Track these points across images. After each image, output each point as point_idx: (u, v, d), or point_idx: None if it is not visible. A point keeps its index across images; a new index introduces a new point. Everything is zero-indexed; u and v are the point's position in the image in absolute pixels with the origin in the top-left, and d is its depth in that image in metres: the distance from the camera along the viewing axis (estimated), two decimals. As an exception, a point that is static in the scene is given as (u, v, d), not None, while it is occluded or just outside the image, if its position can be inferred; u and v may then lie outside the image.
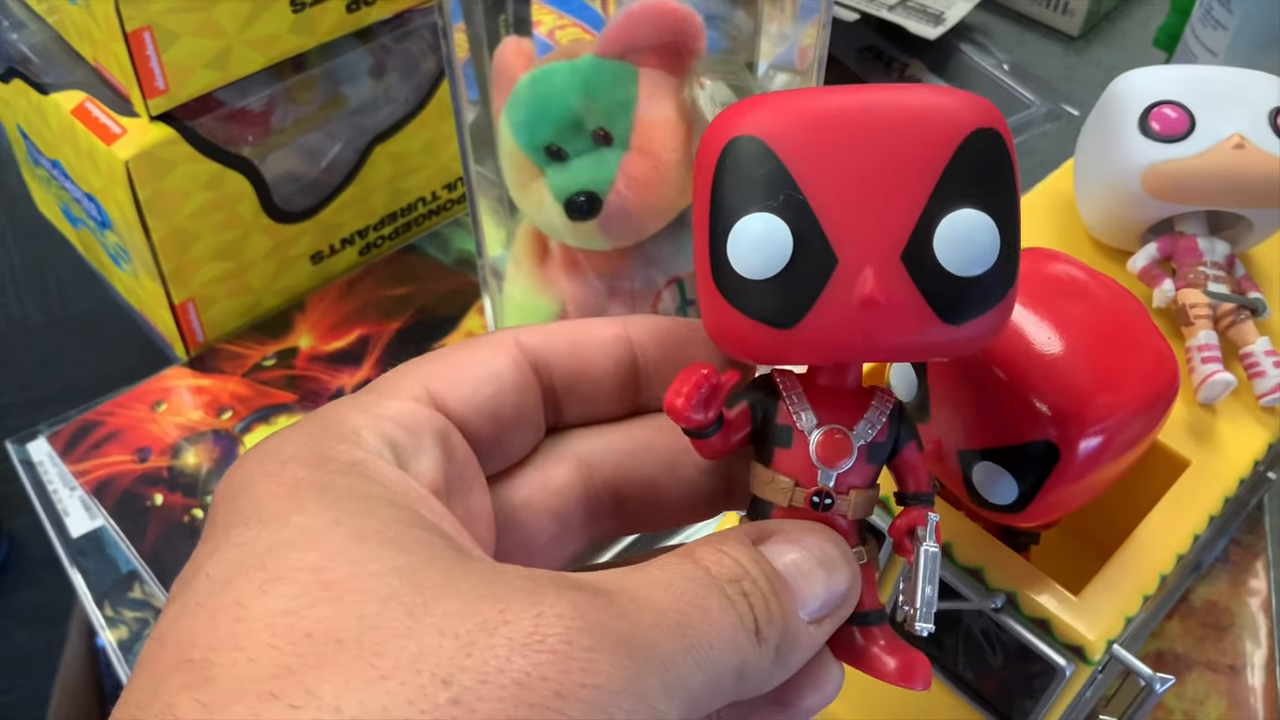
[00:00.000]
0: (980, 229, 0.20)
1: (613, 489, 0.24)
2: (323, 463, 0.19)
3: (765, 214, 0.20)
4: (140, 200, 0.45)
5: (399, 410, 0.21)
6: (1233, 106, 0.35)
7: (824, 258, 0.20)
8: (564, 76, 0.38)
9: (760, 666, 0.19)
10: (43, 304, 0.55)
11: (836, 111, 0.20)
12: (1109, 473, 0.28)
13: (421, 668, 0.16)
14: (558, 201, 0.39)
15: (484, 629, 0.16)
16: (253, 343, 0.52)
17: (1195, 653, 0.43)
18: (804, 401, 0.22)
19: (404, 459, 0.20)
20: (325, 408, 0.21)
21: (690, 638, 0.18)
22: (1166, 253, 0.37)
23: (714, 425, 0.22)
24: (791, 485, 0.22)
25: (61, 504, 0.46)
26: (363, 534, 0.18)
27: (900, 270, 0.20)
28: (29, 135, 0.52)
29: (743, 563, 0.20)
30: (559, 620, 0.16)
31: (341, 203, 0.53)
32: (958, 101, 0.20)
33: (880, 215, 0.20)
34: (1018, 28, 0.73)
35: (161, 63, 0.43)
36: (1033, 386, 0.26)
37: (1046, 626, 0.29)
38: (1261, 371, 0.34)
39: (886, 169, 0.20)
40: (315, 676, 0.16)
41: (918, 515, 0.23)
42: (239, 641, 0.16)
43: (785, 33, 0.46)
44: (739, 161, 0.20)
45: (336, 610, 0.16)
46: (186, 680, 0.16)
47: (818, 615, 0.20)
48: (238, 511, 0.18)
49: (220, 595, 0.17)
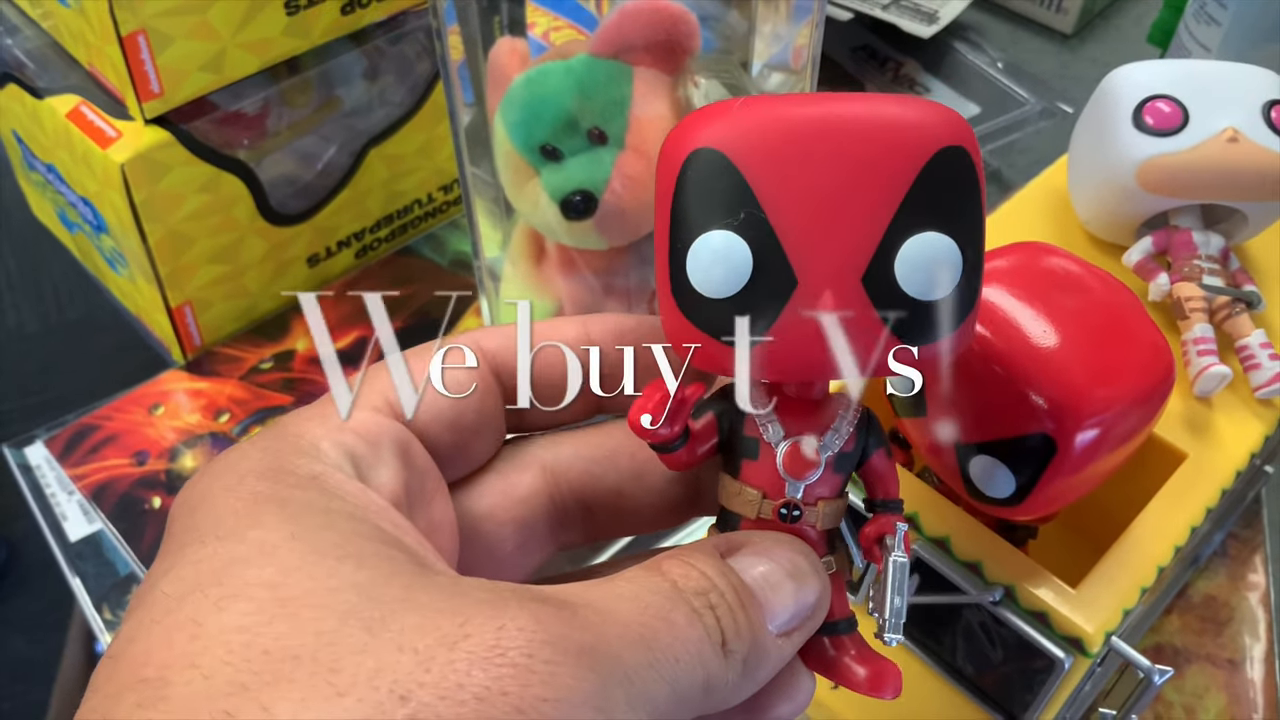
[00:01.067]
0: (943, 253, 0.19)
1: (578, 497, 0.24)
2: (281, 476, 0.19)
3: (725, 232, 0.19)
4: (136, 203, 0.45)
5: (358, 421, 0.21)
6: (1226, 100, 0.35)
7: (783, 278, 0.19)
8: (559, 76, 0.38)
9: (727, 680, 0.19)
10: (38, 311, 0.55)
11: (800, 124, 0.20)
12: (1106, 465, 0.28)
13: (379, 684, 0.15)
14: (553, 201, 0.39)
15: (444, 643, 0.16)
16: (250, 345, 0.52)
17: (1194, 647, 0.43)
18: (770, 412, 0.22)
19: (364, 471, 0.20)
20: (283, 419, 0.21)
21: (655, 651, 0.18)
22: (1161, 246, 0.37)
23: (680, 439, 0.21)
24: (759, 497, 0.21)
25: (59, 508, 0.46)
26: (321, 549, 0.17)
27: (860, 293, 0.19)
28: (24, 140, 0.52)
29: (710, 576, 0.19)
30: (520, 633, 0.16)
31: (337, 205, 0.53)
32: (925, 116, 0.20)
33: (842, 236, 0.19)
34: (1011, 26, 0.73)
35: (156, 66, 0.43)
36: (1029, 380, 0.26)
37: (1045, 619, 0.29)
38: (1257, 364, 0.34)
39: (850, 186, 0.19)
40: (271, 694, 0.15)
41: (887, 524, 0.22)
42: (194, 659, 0.16)
43: (779, 33, 0.46)
44: (700, 176, 0.20)
45: (293, 627, 0.16)
46: (139, 699, 0.16)
47: (787, 628, 0.20)
48: (194, 527, 0.18)
49: (176, 612, 0.17)
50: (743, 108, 0.20)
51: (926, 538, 0.31)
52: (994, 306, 0.27)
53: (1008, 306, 0.27)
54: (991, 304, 0.27)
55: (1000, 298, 0.28)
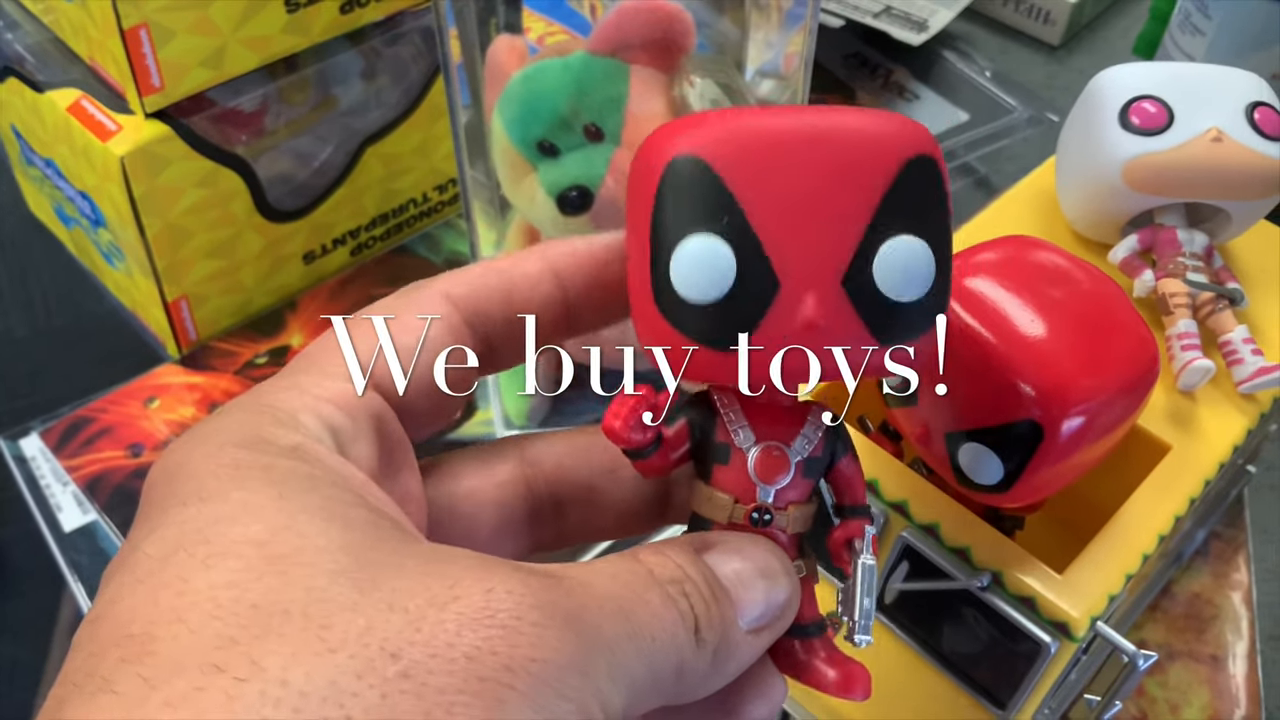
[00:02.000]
0: (918, 255, 0.20)
1: (553, 490, 0.24)
2: (262, 445, 0.19)
3: (710, 236, 0.20)
4: (135, 197, 0.45)
5: (336, 393, 0.20)
6: (1211, 101, 0.36)
7: (767, 281, 0.20)
8: (556, 73, 0.39)
9: (698, 668, 0.19)
10: (29, 314, 0.55)
11: (776, 133, 0.20)
12: (1092, 453, 0.28)
13: (370, 641, 0.15)
14: (550, 197, 0.39)
15: (434, 604, 0.16)
16: (245, 341, 0.53)
17: (1178, 644, 0.44)
18: (741, 419, 0.22)
19: (343, 444, 0.20)
20: (258, 390, 0.20)
21: (634, 624, 0.18)
22: (1147, 244, 0.37)
23: (652, 445, 0.22)
24: (731, 502, 0.22)
25: (54, 499, 0.46)
26: (308, 509, 0.17)
27: (841, 295, 0.20)
28: (23, 135, 0.52)
29: (684, 567, 0.20)
30: (509, 596, 0.16)
31: (333, 203, 0.53)
32: (895, 127, 0.21)
33: (821, 240, 0.20)
34: (1000, 37, 0.74)
35: (157, 60, 0.43)
36: (1018, 368, 0.27)
37: (1032, 604, 0.30)
38: (1240, 359, 0.35)
39: (827, 193, 0.20)
40: (261, 648, 0.15)
41: (855, 527, 0.23)
42: (181, 614, 0.16)
43: (771, 40, 0.46)
44: (682, 182, 0.20)
45: (284, 582, 0.16)
46: (124, 655, 0.15)
47: (757, 625, 0.21)
48: (174, 493, 0.18)
49: (160, 572, 0.16)
50: (719, 118, 0.21)
51: (916, 524, 0.31)
52: (983, 297, 0.28)
53: (997, 297, 0.28)
54: (981, 295, 0.28)
55: (989, 288, 0.28)
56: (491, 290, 0.23)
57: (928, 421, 0.29)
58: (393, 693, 0.15)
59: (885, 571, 0.32)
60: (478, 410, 0.49)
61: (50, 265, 0.57)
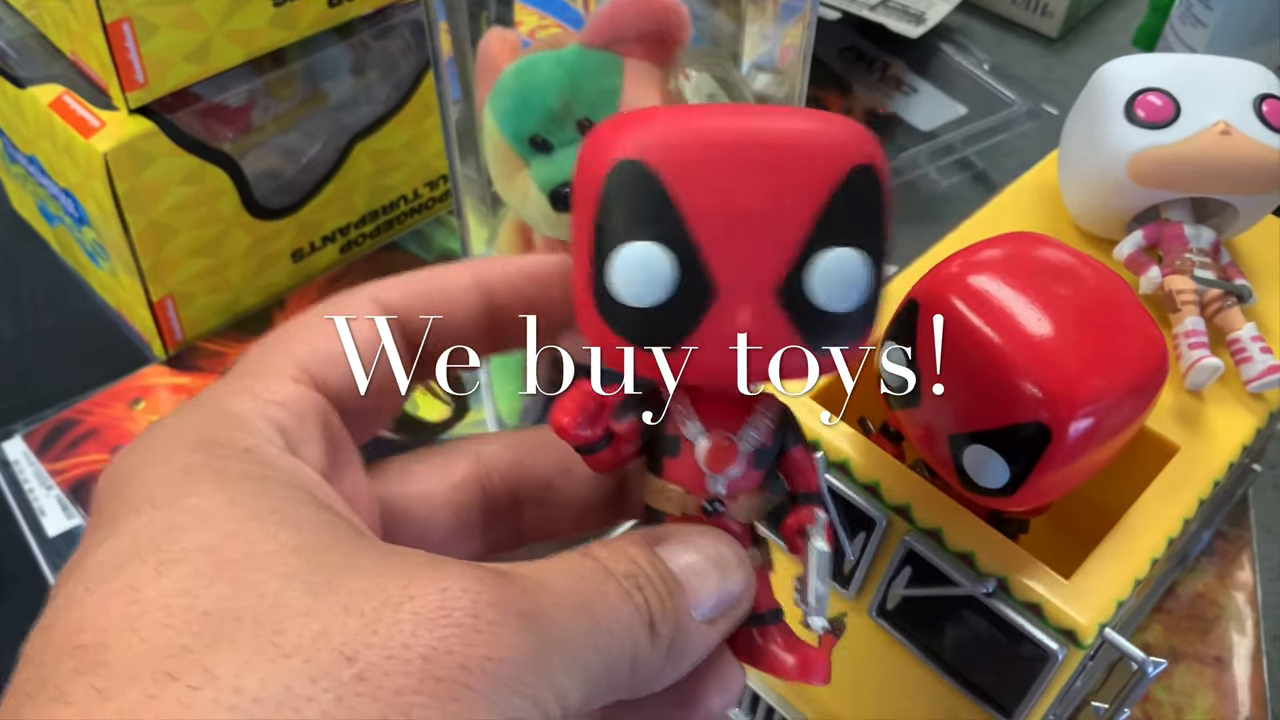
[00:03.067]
0: (855, 267, 0.20)
1: (509, 487, 0.24)
2: (214, 449, 0.19)
3: (649, 243, 0.20)
4: (119, 194, 0.44)
5: (284, 395, 0.20)
6: (1218, 94, 0.35)
7: (704, 289, 0.20)
8: (549, 66, 0.38)
9: (652, 662, 0.19)
10: (15, 314, 0.54)
11: (719, 136, 0.20)
12: (1100, 455, 0.28)
13: (325, 645, 0.15)
14: (543, 193, 0.39)
15: (389, 605, 0.16)
16: (232, 341, 0.52)
17: (1183, 645, 0.43)
18: (690, 410, 0.22)
19: (294, 445, 0.20)
20: (205, 394, 0.20)
21: (591, 619, 0.18)
22: (1153, 240, 0.37)
23: (603, 440, 0.22)
24: (682, 493, 0.22)
25: (38, 503, 0.45)
26: (259, 514, 0.17)
27: (775, 305, 0.20)
28: (5, 131, 0.51)
29: (638, 560, 0.20)
30: (465, 594, 0.16)
31: (322, 200, 0.52)
32: (839, 134, 0.21)
33: (758, 248, 0.20)
34: (997, 29, 0.73)
35: (141, 55, 0.42)
36: (1024, 369, 0.26)
37: (1038, 611, 0.29)
38: (1249, 357, 0.34)
39: (767, 201, 0.20)
40: (213, 656, 0.15)
41: (807, 514, 0.23)
42: (132, 623, 0.16)
43: (767, 32, 0.46)
44: (624, 187, 0.20)
45: (235, 589, 0.16)
46: (77, 665, 0.15)
47: (711, 615, 0.21)
48: (126, 499, 0.18)
49: (112, 580, 0.16)
50: (664, 117, 0.21)
51: (919, 529, 0.31)
52: (988, 295, 0.27)
53: (1001, 295, 0.27)
54: (985, 293, 0.27)
55: (994, 287, 0.27)
56: (420, 298, 0.23)
57: (930, 423, 0.29)
58: (348, 696, 0.15)
59: (887, 577, 0.32)
60: (470, 410, 0.48)
61: (35, 264, 0.56)
